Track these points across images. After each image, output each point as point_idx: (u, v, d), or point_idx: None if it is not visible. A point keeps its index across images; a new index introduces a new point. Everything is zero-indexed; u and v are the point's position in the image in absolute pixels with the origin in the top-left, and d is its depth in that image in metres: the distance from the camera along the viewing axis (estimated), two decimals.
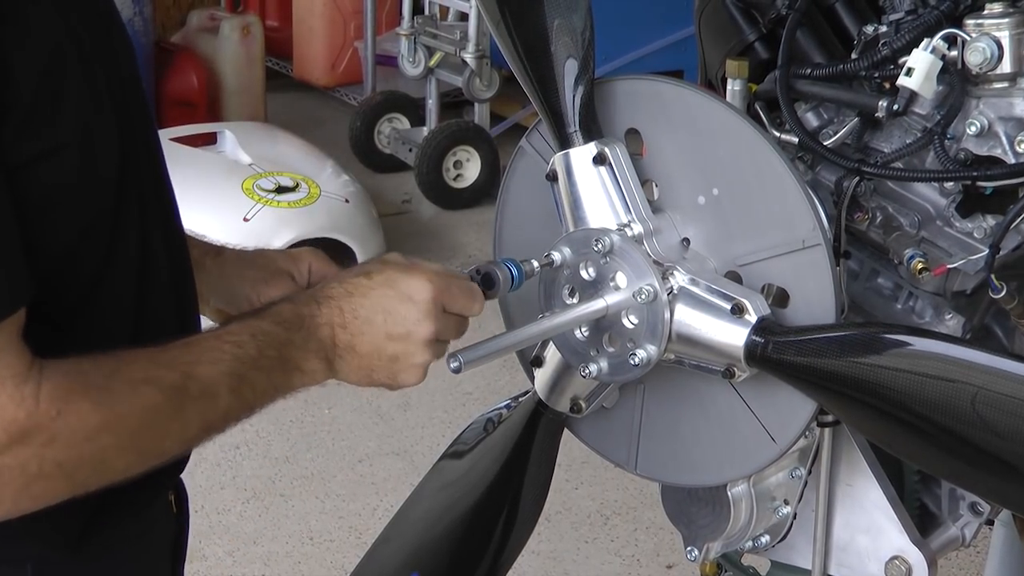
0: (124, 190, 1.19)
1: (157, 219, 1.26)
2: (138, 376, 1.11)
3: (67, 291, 1.15)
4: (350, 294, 1.25)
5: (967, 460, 1.27)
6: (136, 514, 1.28)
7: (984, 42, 1.43)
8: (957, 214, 1.52)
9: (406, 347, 1.26)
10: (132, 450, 1.12)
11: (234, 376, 1.16)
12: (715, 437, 1.49)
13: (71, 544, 1.22)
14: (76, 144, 1.11)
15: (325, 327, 1.23)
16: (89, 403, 1.07)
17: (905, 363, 1.28)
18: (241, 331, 1.19)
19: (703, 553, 1.62)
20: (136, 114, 1.24)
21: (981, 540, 2.19)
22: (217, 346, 1.17)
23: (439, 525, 1.72)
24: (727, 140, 1.40)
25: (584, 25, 1.46)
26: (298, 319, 1.22)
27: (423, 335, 1.26)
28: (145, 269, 1.23)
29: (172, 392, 1.12)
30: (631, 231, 1.42)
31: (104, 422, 1.08)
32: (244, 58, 6.00)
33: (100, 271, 1.18)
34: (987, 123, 1.46)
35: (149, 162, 1.27)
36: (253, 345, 1.18)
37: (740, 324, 1.36)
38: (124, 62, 1.24)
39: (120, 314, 1.21)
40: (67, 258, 1.14)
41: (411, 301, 1.25)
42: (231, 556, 3.28)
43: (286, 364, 1.21)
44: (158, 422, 1.12)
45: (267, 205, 4.55)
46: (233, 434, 1.23)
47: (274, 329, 1.20)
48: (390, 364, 1.26)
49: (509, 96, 5.82)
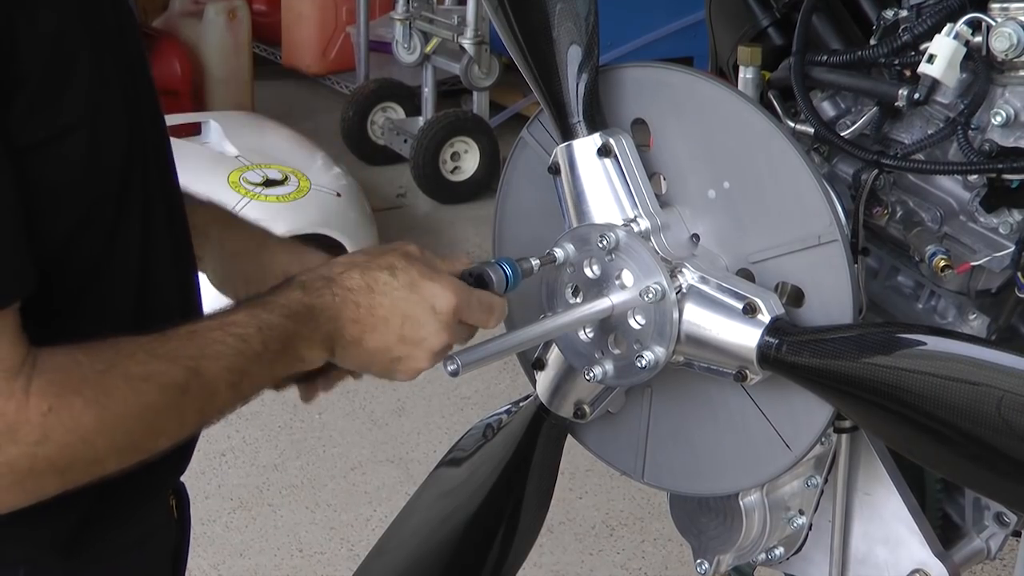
0: (129, 173, 1.20)
1: (161, 202, 1.28)
2: (136, 372, 1.12)
3: (69, 274, 1.17)
4: (371, 290, 1.26)
5: (992, 468, 1.27)
6: (131, 517, 1.29)
7: (1010, 27, 1.43)
8: (981, 208, 1.52)
9: (414, 352, 1.27)
10: (127, 449, 1.13)
11: (235, 371, 1.17)
12: (726, 444, 1.49)
13: (63, 547, 1.23)
14: (84, 126, 1.13)
15: (336, 320, 1.25)
16: (82, 400, 1.08)
17: (927, 365, 1.28)
18: (248, 323, 1.20)
19: (714, 566, 1.63)
20: (143, 96, 1.26)
21: (1007, 553, 2.19)
22: (221, 339, 1.17)
23: (436, 536, 1.72)
24: (739, 131, 1.40)
25: (588, 9, 1.46)
26: (309, 312, 1.23)
27: (436, 345, 1.28)
28: (148, 252, 1.24)
29: (172, 390, 1.13)
30: (638, 227, 1.42)
31: (99, 421, 1.09)
32: (230, 44, 6.01)
33: (103, 254, 1.19)
34: (1013, 113, 1.46)
35: (155, 145, 1.29)
36: (258, 339, 1.19)
37: (753, 324, 1.36)
38: (130, 42, 1.26)
39: (123, 297, 1.22)
40: (70, 241, 1.16)
41: (433, 311, 1.27)
42: (216, 569, 3.28)
43: (289, 355, 1.23)
44: (154, 420, 1.13)
45: (254, 199, 4.56)
46: (219, 440, 1.24)
47: (283, 323, 1.21)
48: (392, 363, 1.28)
49: (509, 84, 5.83)
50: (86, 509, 1.21)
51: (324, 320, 1.24)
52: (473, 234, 5.36)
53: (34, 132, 1.08)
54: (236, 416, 2.89)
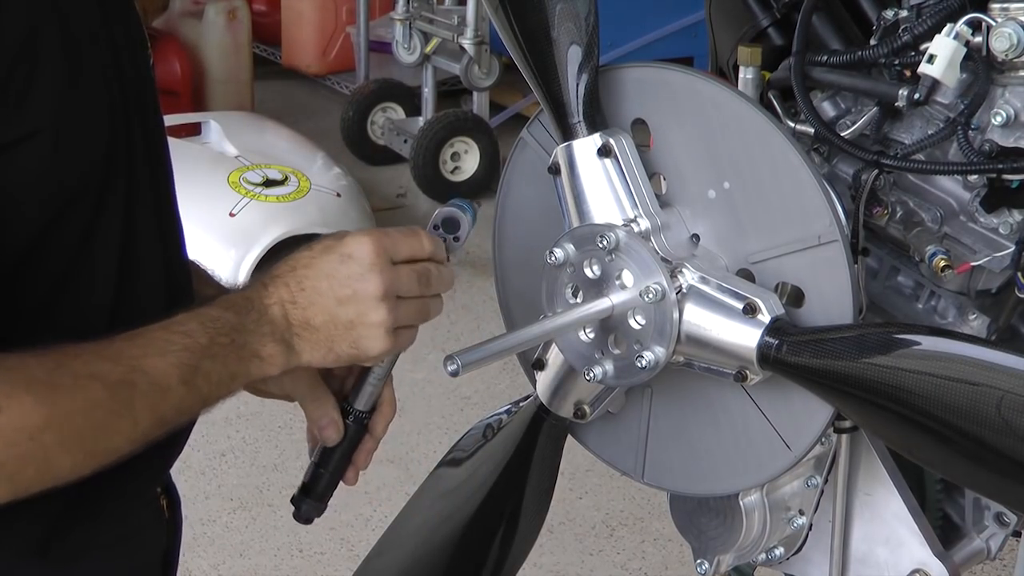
0: (110, 174, 1.20)
1: (150, 203, 1.27)
2: (82, 371, 1.11)
3: (41, 274, 1.16)
4: (293, 268, 1.26)
5: (992, 468, 1.27)
6: (109, 517, 1.27)
7: (1010, 27, 1.42)
8: (982, 209, 1.52)
9: (357, 307, 1.25)
10: (78, 449, 1.11)
11: (185, 367, 1.16)
12: (726, 444, 1.49)
13: (38, 547, 1.22)
14: (49, 130, 1.11)
15: (275, 306, 1.24)
16: (32, 398, 1.07)
17: (927, 366, 1.28)
18: (189, 320, 1.19)
19: (714, 566, 1.63)
20: (136, 95, 1.25)
21: (1007, 553, 2.19)
22: (165, 336, 1.17)
23: (436, 536, 1.72)
24: (739, 131, 1.40)
25: (588, 10, 1.46)
26: (247, 302, 1.23)
27: (371, 291, 1.25)
28: (130, 253, 1.23)
29: (118, 387, 1.12)
30: (638, 227, 1.42)
31: (47, 419, 1.08)
32: (230, 44, 6.01)
33: (78, 255, 1.19)
34: (1013, 113, 1.46)
35: (147, 148, 1.28)
36: (203, 333, 1.18)
37: (753, 324, 1.36)
38: (125, 42, 1.25)
39: (99, 298, 1.22)
40: (39, 243, 1.15)
41: (351, 258, 1.25)
42: (216, 569, 3.28)
43: (241, 350, 1.21)
44: (104, 418, 1.12)
45: (254, 199, 4.56)
46: (219, 440, 1.23)
47: (223, 315, 1.21)
48: (347, 331, 1.26)
49: (509, 84, 5.83)
50: (60, 509, 1.20)
51: (263, 308, 1.23)
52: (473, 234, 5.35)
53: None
54: (236, 416, 2.91)
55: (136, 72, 1.27)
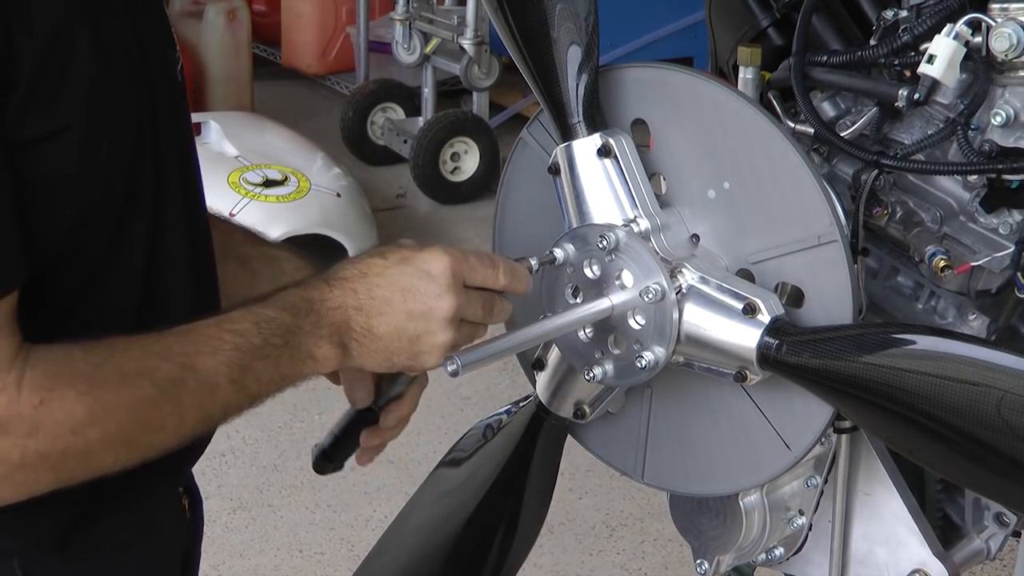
0: (139, 172, 1.20)
1: (179, 201, 1.27)
2: (130, 367, 1.12)
3: (69, 270, 1.17)
4: (364, 274, 1.26)
5: (992, 468, 1.27)
6: (129, 513, 1.28)
7: (1010, 27, 1.43)
8: (981, 209, 1.52)
9: (427, 325, 1.25)
10: (121, 443, 1.12)
11: (235, 366, 1.17)
12: (726, 444, 1.49)
13: (57, 541, 1.22)
14: (81, 125, 1.12)
15: (339, 311, 1.24)
16: (75, 393, 1.08)
17: (927, 366, 1.28)
18: (243, 319, 1.19)
19: (714, 566, 1.63)
20: (164, 93, 1.25)
21: (1007, 553, 2.19)
22: (217, 335, 1.17)
23: (436, 537, 1.72)
24: (739, 131, 1.40)
25: (588, 10, 1.46)
26: (306, 304, 1.23)
27: (445, 310, 1.25)
28: (158, 251, 1.24)
29: (167, 384, 1.13)
30: (638, 227, 1.42)
31: (90, 414, 1.08)
32: (230, 44, 6.01)
33: (106, 251, 1.19)
34: (1013, 113, 1.46)
35: (178, 142, 1.28)
36: (256, 334, 1.18)
37: (752, 325, 1.36)
38: (151, 39, 1.25)
39: (126, 295, 1.22)
40: (69, 237, 1.16)
41: (429, 276, 1.25)
42: (216, 570, 3.28)
43: (295, 352, 1.21)
44: (150, 415, 1.13)
45: (254, 199, 4.56)
46: (218, 441, 1.24)
47: (279, 316, 1.21)
48: (411, 345, 1.26)
49: (509, 85, 5.83)
50: (81, 504, 1.21)
51: (325, 311, 1.23)
52: (473, 234, 5.36)
53: (29, 129, 1.08)
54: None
55: (164, 71, 1.28)
